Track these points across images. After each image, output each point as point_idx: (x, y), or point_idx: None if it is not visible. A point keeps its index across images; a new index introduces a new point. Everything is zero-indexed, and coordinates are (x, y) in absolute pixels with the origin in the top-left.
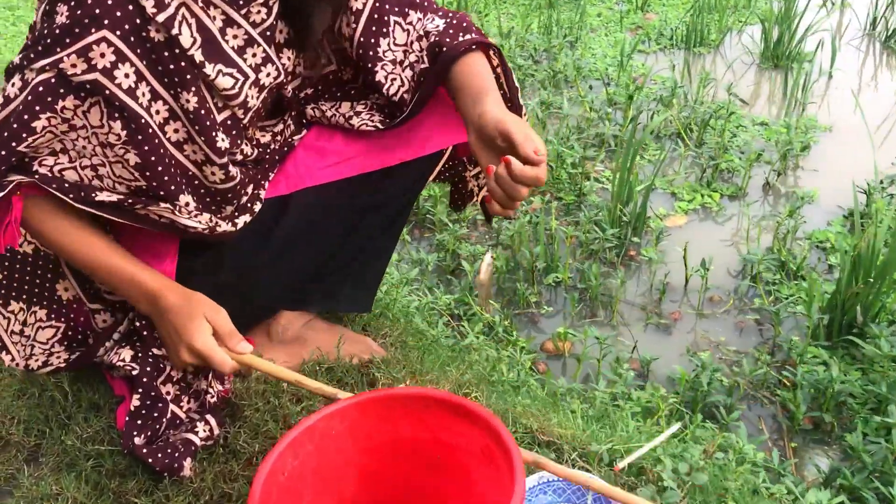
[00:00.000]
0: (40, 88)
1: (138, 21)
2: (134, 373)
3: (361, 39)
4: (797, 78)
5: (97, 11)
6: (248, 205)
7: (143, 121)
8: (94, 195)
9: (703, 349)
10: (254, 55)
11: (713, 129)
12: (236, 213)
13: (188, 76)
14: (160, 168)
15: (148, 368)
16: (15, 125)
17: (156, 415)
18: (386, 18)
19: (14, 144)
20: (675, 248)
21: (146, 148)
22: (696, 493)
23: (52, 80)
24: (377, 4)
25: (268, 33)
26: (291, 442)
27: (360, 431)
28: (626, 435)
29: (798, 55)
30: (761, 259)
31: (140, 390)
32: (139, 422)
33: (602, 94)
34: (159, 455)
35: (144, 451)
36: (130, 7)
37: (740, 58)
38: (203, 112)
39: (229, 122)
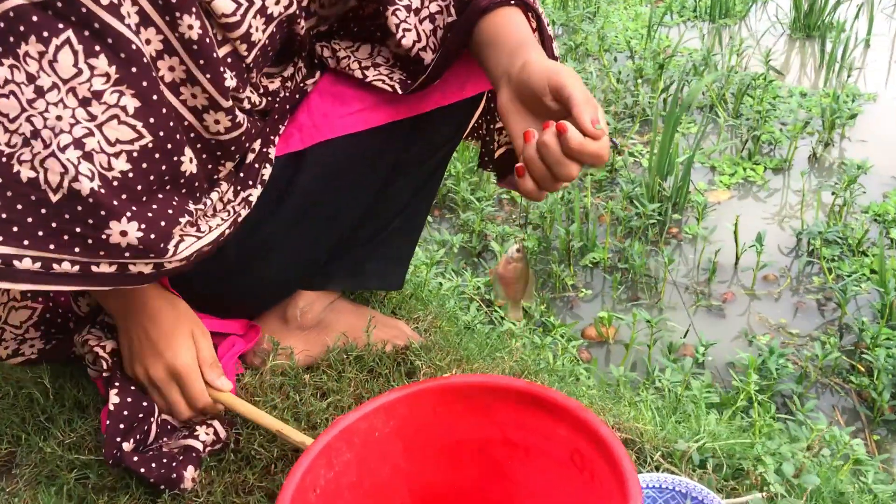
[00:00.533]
0: None
1: None
2: (105, 375)
3: None
4: (834, 46)
5: None
6: (257, 167)
7: (133, 47)
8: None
9: (761, 333)
10: None
11: (752, 97)
12: (249, 183)
13: None
14: (164, 111)
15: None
16: None
17: (141, 415)
18: None
19: None
20: (720, 225)
21: (144, 84)
22: (808, 498)
23: (11, 15)
24: None
25: None
26: (324, 449)
27: (410, 433)
28: (711, 430)
29: (832, 24)
30: (826, 231)
31: (116, 384)
32: (122, 425)
33: (628, 65)
34: (153, 464)
35: (135, 458)
36: None
37: (769, 29)
38: (208, 41)
39: (230, 61)
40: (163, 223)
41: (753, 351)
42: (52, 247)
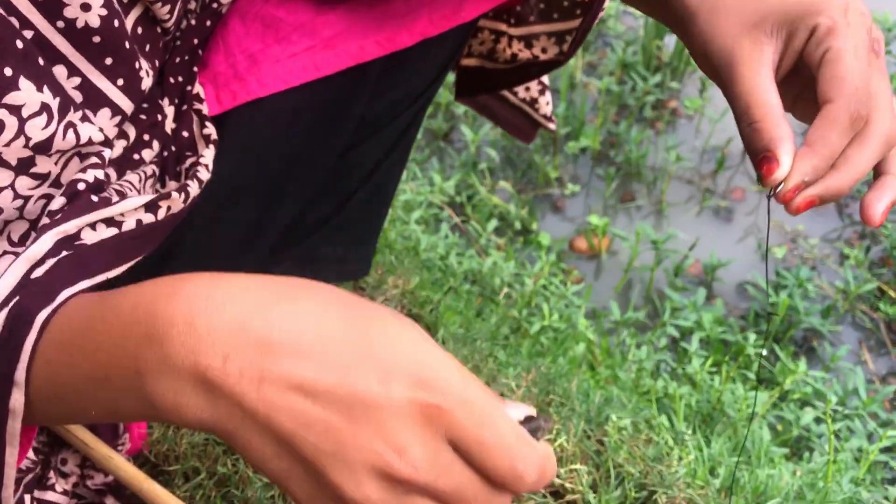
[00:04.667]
0: None
1: None
2: None
3: None
4: None
5: None
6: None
7: None
8: None
9: (776, 243)
10: None
11: None
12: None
13: None
14: None
15: None
16: None
17: None
18: None
19: None
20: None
21: None
22: None
23: None
24: None
25: None
26: None
27: None
28: (778, 481)
29: None
30: None
31: None
32: None
33: None
34: None
35: None
36: None
37: None
38: (117, 24)
39: (140, 33)
40: None
41: (769, 268)
42: None
